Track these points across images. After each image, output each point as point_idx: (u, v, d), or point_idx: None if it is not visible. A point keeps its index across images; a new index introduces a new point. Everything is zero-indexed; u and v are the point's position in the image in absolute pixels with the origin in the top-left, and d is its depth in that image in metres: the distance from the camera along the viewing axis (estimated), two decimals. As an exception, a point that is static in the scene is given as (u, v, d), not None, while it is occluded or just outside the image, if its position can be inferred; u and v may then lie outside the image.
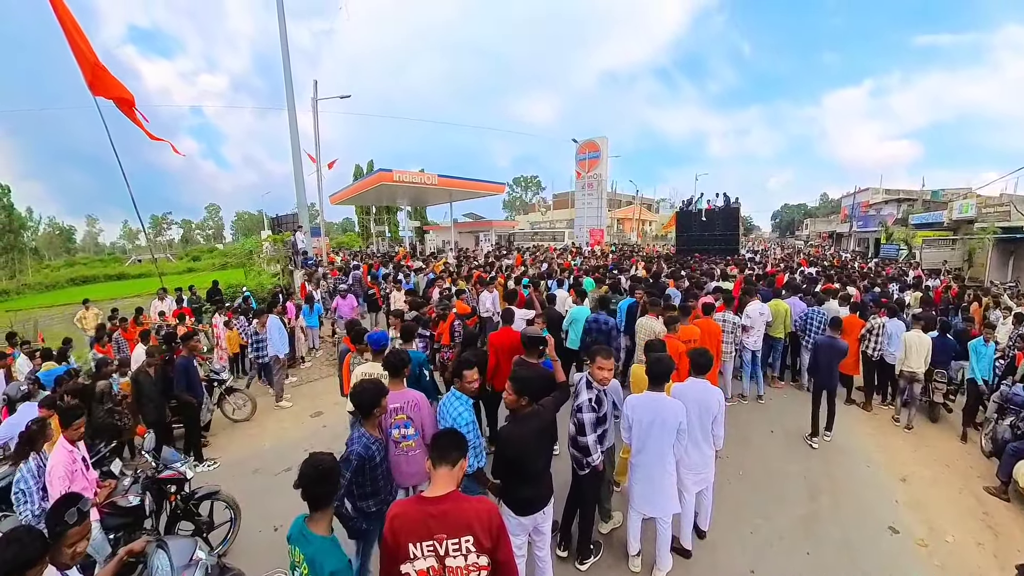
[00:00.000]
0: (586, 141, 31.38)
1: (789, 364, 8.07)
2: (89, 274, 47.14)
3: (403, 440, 3.30)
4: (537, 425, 2.92)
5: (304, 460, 2.19)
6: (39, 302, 29.83)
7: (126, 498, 3.72)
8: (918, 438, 6.19)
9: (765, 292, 8.34)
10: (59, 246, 75.60)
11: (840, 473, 5.25)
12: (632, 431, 3.42)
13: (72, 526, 2.18)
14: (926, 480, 5.20)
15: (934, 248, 24.29)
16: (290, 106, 15.49)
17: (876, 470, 5.37)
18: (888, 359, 6.87)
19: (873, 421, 6.70)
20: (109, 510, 3.66)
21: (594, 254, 20.11)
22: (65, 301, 23.88)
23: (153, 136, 8.44)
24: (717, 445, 3.74)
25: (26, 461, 3.48)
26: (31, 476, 3.40)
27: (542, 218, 50.74)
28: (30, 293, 38.98)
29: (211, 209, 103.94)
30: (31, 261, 55.50)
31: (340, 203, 29.37)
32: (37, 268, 52.68)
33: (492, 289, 9.04)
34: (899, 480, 5.18)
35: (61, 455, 3.48)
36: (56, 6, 7.10)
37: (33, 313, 21.62)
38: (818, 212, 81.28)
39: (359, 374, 4.13)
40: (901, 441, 6.12)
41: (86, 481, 3.63)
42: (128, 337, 8.93)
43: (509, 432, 2.92)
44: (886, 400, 7.21)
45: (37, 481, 3.40)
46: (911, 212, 32.70)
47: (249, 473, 5.55)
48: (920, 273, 16.00)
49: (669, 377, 3.52)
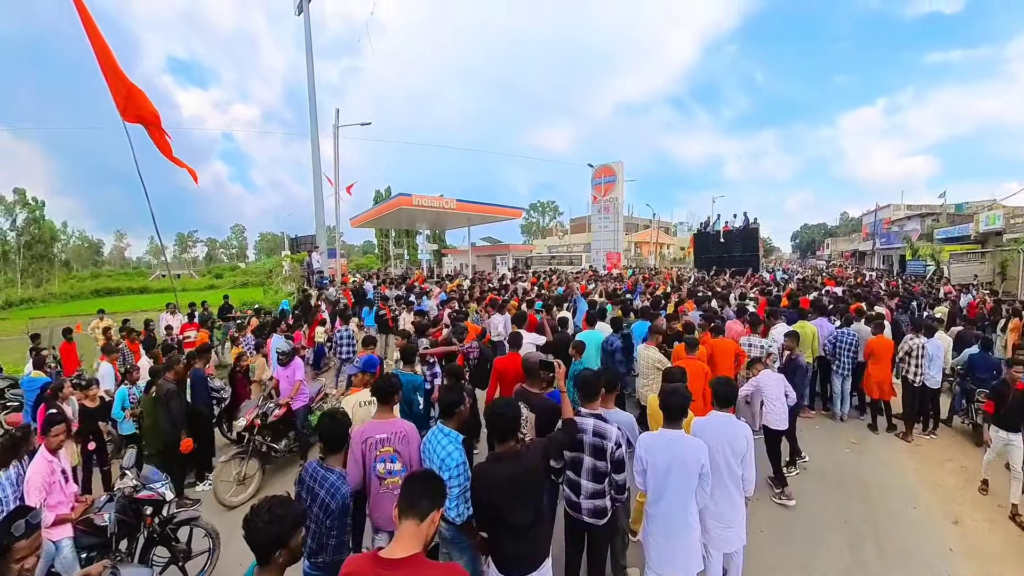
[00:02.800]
0: (602, 166, 31.71)
1: (819, 391, 7.51)
2: (113, 286, 48.17)
3: (388, 476, 2.94)
4: (511, 470, 2.48)
5: (254, 506, 1.84)
6: (62, 311, 30.43)
7: (102, 516, 3.53)
8: (966, 472, 5.60)
9: (791, 314, 7.83)
10: (87, 258, 77.84)
11: (884, 516, 4.71)
12: (647, 476, 2.95)
13: (19, 539, 2.01)
14: (981, 523, 4.63)
15: (963, 262, 23.20)
16: (313, 135, 16.75)
17: (924, 512, 4.82)
18: (928, 382, 6.40)
19: (917, 454, 6.11)
20: (84, 527, 3.47)
21: (611, 276, 19.90)
22: (87, 311, 24.28)
23: (177, 161, 8.48)
24: (747, 490, 3.22)
25: (6, 469, 3.34)
26: (9, 485, 3.28)
27: (559, 242, 50.95)
28: (55, 302, 39.98)
29: (236, 229, 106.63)
30: (58, 272, 57.27)
31: (360, 226, 30.10)
32: (64, 278, 54.22)
33: (505, 312, 8.67)
34: (951, 523, 4.63)
35: (39, 465, 3.35)
36: (91, 34, 7.33)
37: (54, 321, 22.04)
38: (839, 231, 79.84)
39: (349, 403, 3.80)
40: (948, 475, 5.55)
41: (63, 495, 3.48)
42: (134, 348, 8.89)
43: (479, 472, 2.56)
44: (927, 428, 6.64)
45: (15, 490, 3.27)
46: (935, 227, 31.73)
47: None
48: (951, 289, 15.24)
49: (687, 411, 3.09)
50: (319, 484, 2.59)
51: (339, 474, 2.62)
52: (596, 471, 2.94)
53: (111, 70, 7.46)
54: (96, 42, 7.35)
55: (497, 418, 2.58)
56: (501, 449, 2.56)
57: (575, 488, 3.02)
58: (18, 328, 14.53)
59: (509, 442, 2.56)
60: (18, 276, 52.48)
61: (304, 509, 1.96)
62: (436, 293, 12.70)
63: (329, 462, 2.68)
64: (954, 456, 5.99)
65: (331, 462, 2.68)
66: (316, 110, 16.62)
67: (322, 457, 2.72)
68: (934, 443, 6.37)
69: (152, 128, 7.90)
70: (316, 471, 2.66)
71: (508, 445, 2.56)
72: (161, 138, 8.03)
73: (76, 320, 21.40)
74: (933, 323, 7.05)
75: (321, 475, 2.61)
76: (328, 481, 2.58)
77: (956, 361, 7.04)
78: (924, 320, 7.10)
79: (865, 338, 6.87)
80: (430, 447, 2.83)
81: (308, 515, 2.58)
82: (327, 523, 2.52)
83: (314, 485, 2.60)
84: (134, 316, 14.28)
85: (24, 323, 16.87)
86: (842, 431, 6.69)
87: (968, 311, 11.17)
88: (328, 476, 2.60)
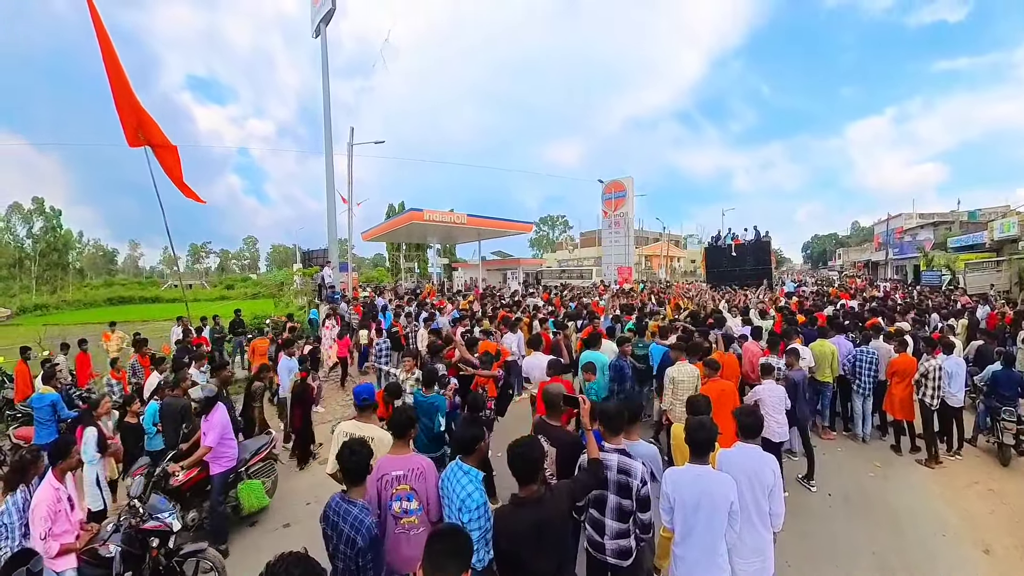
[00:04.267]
0: (612, 181, 31.77)
1: (839, 411, 7.32)
2: (126, 295, 48.68)
3: (404, 515, 2.78)
4: (534, 516, 2.36)
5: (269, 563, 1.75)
6: (75, 318, 30.76)
7: (107, 547, 3.45)
8: (994, 495, 5.41)
9: (809, 332, 7.65)
10: (101, 267, 78.87)
11: (913, 546, 4.53)
12: (675, 514, 2.83)
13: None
14: (1013, 550, 4.44)
15: (978, 271, 22.64)
16: (328, 154, 17.34)
17: (954, 540, 4.64)
18: (951, 401, 6.23)
19: (943, 476, 5.91)
20: (88, 558, 3.38)
21: (623, 291, 19.83)
22: (100, 319, 24.54)
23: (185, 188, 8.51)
24: (775, 526, 3.07)
25: (13, 494, 3.29)
26: (16, 510, 3.22)
27: (570, 256, 51.04)
28: (68, 309, 40.40)
29: (248, 241, 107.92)
30: (72, 279, 58.10)
31: (372, 240, 30.40)
32: (78, 286, 55.00)
33: (517, 330, 8.55)
34: (982, 552, 4.44)
35: (46, 493, 3.27)
36: (107, 57, 7.41)
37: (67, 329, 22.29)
38: (850, 241, 79.03)
39: (342, 432, 3.58)
40: (976, 500, 5.35)
41: (69, 523, 3.39)
42: (144, 363, 8.82)
43: (500, 518, 2.45)
44: (951, 449, 6.41)
45: (21, 517, 3.20)
46: (949, 235, 31.31)
47: (245, 525, 5.08)
48: (967, 300, 14.86)
49: (714, 445, 2.96)
50: (342, 519, 2.46)
51: (362, 506, 2.49)
52: (621, 509, 2.82)
53: (123, 95, 7.51)
54: (111, 66, 7.42)
55: (519, 459, 2.44)
56: (523, 493, 2.44)
57: (598, 527, 2.90)
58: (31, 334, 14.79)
59: (532, 485, 2.44)
60: (33, 283, 53.36)
61: (322, 570, 1.84)
62: (449, 310, 12.58)
63: (351, 494, 2.55)
64: (980, 478, 5.80)
65: (353, 494, 2.55)
66: (331, 130, 17.12)
67: (344, 490, 2.60)
68: (959, 464, 6.17)
69: (164, 151, 7.95)
70: (339, 505, 2.53)
71: (531, 489, 2.44)
72: (172, 162, 8.07)
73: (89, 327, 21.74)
74: (951, 342, 6.83)
75: (344, 509, 2.49)
76: (351, 515, 2.44)
77: (979, 378, 6.86)
78: (941, 339, 6.88)
79: (884, 355, 6.70)
80: (449, 486, 2.71)
81: (336, 553, 2.48)
82: (358, 561, 2.38)
83: (337, 520, 2.47)
84: (145, 326, 14.39)
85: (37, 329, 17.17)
86: (865, 453, 6.50)
87: (987, 323, 10.88)
88: (351, 510, 2.47)
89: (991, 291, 18.43)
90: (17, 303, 40.13)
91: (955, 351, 6.61)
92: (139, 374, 8.79)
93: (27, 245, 56.49)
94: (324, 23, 17.98)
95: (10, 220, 56.97)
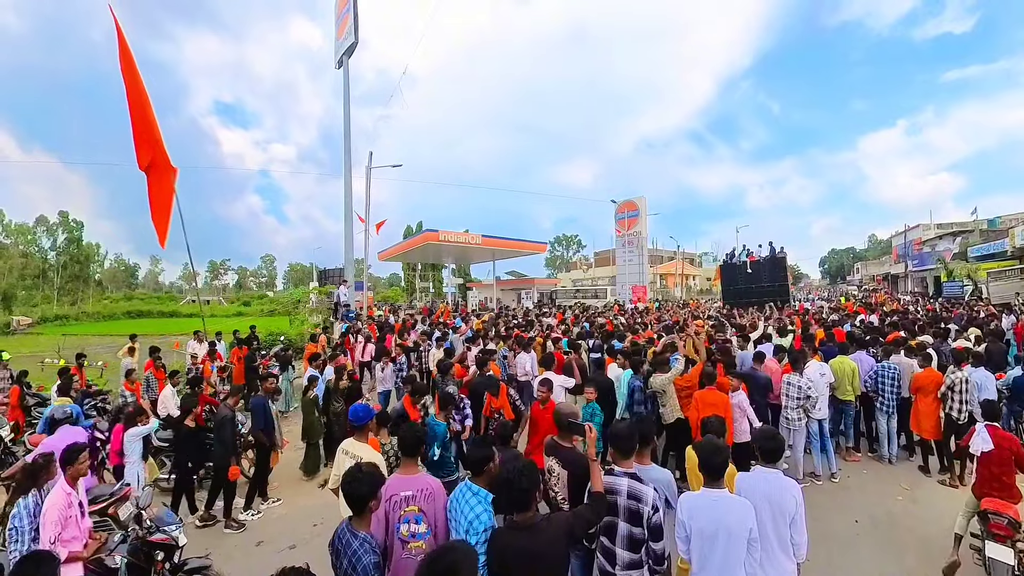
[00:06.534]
0: (625, 201, 32.18)
1: (863, 431, 7.05)
2: (144, 309, 49.69)
3: (412, 539, 2.67)
4: (527, 543, 2.26)
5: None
6: (94, 330, 31.45)
7: (113, 557, 3.47)
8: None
9: (828, 349, 7.43)
10: (121, 280, 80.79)
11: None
12: (691, 544, 2.69)
13: None
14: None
15: (1001, 280, 22.12)
16: (347, 179, 18.12)
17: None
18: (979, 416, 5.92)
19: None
20: (94, 567, 3.40)
21: (637, 310, 19.76)
22: (119, 331, 25.06)
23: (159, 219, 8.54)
24: (799, 556, 2.90)
25: (25, 497, 3.30)
26: (27, 514, 3.24)
27: (584, 275, 51.21)
28: (87, 321, 41.44)
29: (266, 259, 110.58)
30: (93, 292, 59.54)
31: (388, 259, 31.13)
32: (98, 298, 56.33)
33: (531, 350, 8.39)
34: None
35: (57, 497, 3.29)
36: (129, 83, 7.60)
37: (85, 339, 22.78)
38: (868, 255, 77.95)
39: (342, 450, 3.51)
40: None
41: (78, 530, 3.40)
42: (159, 377, 8.98)
43: (496, 536, 2.37)
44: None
45: (32, 521, 3.22)
46: (969, 244, 30.73)
47: (251, 544, 5.03)
48: (992, 310, 14.38)
49: (727, 465, 2.84)
50: (344, 549, 2.34)
51: (362, 540, 2.33)
52: (632, 538, 2.70)
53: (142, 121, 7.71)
54: (133, 91, 7.60)
55: (506, 486, 2.33)
56: (518, 518, 2.35)
57: (610, 557, 2.78)
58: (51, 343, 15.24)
59: (526, 512, 2.34)
60: (55, 293, 54.80)
61: None
62: (463, 330, 12.51)
63: (355, 524, 2.39)
64: (1012, 497, 5.49)
65: (357, 524, 2.39)
66: (351, 154, 17.99)
67: (350, 517, 2.47)
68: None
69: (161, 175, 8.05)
70: (343, 534, 2.39)
71: (525, 516, 2.34)
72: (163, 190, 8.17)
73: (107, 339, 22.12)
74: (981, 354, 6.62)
75: (347, 540, 2.35)
76: (351, 549, 2.31)
77: (1001, 383, 6.58)
78: (968, 350, 6.65)
79: (907, 370, 6.48)
80: (457, 507, 2.62)
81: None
82: None
83: (341, 549, 2.36)
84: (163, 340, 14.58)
85: (56, 338, 17.68)
86: (892, 475, 6.23)
87: (1015, 334, 10.62)
88: (352, 543, 2.33)
89: (1016, 300, 17.87)
90: (39, 313, 41.24)
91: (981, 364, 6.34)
92: (153, 387, 8.89)
93: (51, 257, 58.17)
94: (347, 55, 18.93)
95: (35, 232, 58.87)
